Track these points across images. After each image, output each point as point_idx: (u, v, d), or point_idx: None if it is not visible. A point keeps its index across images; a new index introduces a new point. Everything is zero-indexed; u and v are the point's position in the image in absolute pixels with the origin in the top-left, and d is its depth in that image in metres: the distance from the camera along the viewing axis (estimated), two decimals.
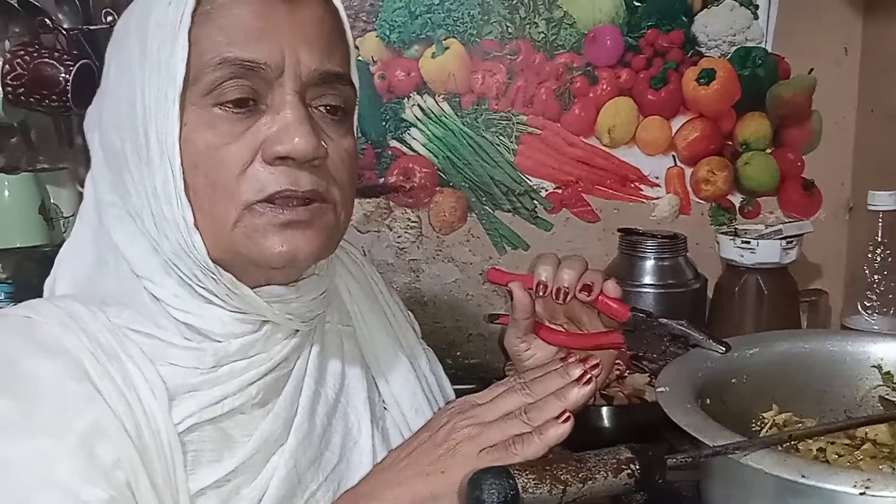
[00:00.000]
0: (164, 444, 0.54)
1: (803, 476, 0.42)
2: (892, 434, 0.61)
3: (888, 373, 0.63)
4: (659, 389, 0.55)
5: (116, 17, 1.10)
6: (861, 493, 0.39)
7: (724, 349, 0.62)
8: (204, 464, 0.56)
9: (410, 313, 0.82)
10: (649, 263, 1.21)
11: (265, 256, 0.56)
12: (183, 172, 0.54)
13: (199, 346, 0.57)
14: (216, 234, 0.56)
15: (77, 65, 1.11)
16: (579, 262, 0.68)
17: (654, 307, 1.20)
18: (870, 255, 1.07)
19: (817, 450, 0.61)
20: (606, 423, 1.02)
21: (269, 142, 0.55)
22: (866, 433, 0.61)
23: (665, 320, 0.65)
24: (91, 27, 1.17)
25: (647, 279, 1.21)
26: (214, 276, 0.56)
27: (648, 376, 1.06)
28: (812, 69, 1.26)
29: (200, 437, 0.57)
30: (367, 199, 1.31)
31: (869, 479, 0.40)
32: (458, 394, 1.25)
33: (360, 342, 0.71)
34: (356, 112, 0.64)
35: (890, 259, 1.05)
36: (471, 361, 1.35)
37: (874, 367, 0.63)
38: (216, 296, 0.57)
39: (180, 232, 0.55)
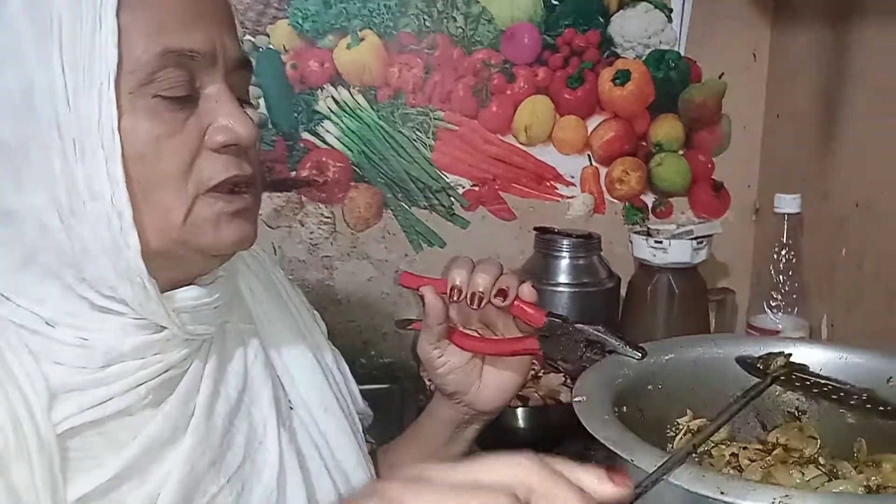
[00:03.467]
0: (40, 446, 0.50)
1: (722, 493, 0.41)
2: (802, 439, 0.61)
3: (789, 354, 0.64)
4: (576, 399, 0.54)
5: None
6: None
7: (640, 355, 0.62)
8: (84, 470, 0.52)
9: (316, 312, 0.78)
10: (564, 262, 1.21)
11: (219, 245, 0.55)
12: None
13: (89, 344, 0.53)
14: (162, 228, 0.53)
15: None
16: (494, 266, 0.67)
17: (568, 306, 1.20)
18: (775, 257, 1.10)
19: (730, 455, 0.61)
20: (521, 423, 1.01)
21: (213, 130, 0.54)
22: (777, 437, 0.62)
23: (581, 326, 0.64)
24: None
25: (562, 278, 1.21)
26: (134, 280, 0.52)
27: (563, 377, 1.05)
28: (722, 73, 1.29)
29: (82, 441, 0.53)
30: (278, 194, 1.26)
31: (786, 495, 0.40)
32: (373, 393, 1.23)
33: (263, 341, 0.68)
34: None
35: (794, 260, 1.09)
36: (385, 360, 1.33)
37: None
38: (123, 304, 0.54)
39: (110, 230, 0.51)
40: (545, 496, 0.36)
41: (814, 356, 0.63)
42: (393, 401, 1.23)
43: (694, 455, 0.61)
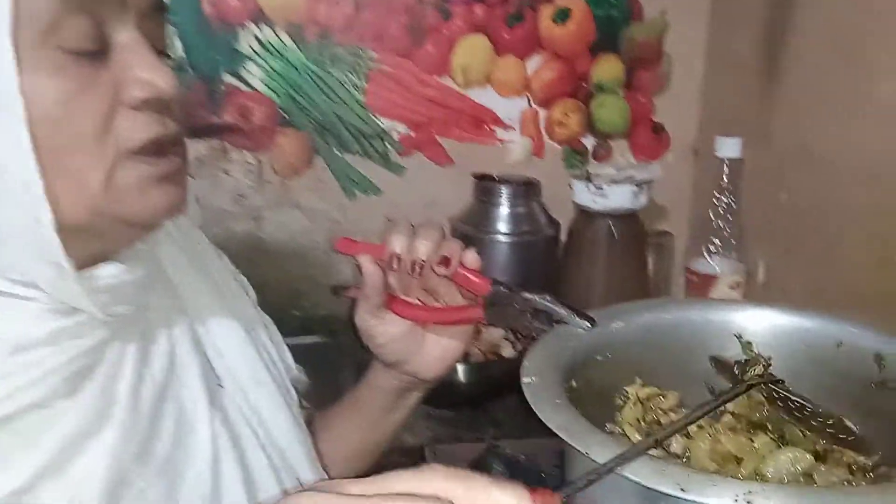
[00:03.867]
0: None
1: (682, 489, 0.39)
2: (751, 406, 0.60)
3: (748, 342, 0.62)
4: (525, 380, 0.51)
5: None
6: None
7: (589, 325, 0.59)
8: None
9: (243, 277, 0.73)
10: (503, 210, 1.18)
11: (147, 214, 0.49)
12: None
13: None
14: (79, 199, 0.47)
15: None
16: (436, 230, 0.63)
17: (508, 255, 1.18)
18: (715, 201, 1.09)
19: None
20: (462, 378, 0.99)
21: (129, 84, 0.47)
22: (725, 405, 0.61)
23: (528, 295, 0.61)
24: None
25: (502, 227, 1.18)
26: (48, 261, 0.46)
27: (505, 331, 1.03)
28: (665, 11, 1.25)
29: None
30: (200, 141, 1.18)
31: (749, 491, 0.38)
32: (308, 347, 1.20)
33: (188, 315, 0.62)
34: None
35: (734, 205, 1.08)
36: (321, 313, 1.28)
37: (735, 336, 0.62)
38: (34, 287, 0.47)
39: (19, 206, 0.45)
40: None
41: (766, 320, 0.62)
42: (328, 354, 1.20)
43: (643, 423, 0.60)
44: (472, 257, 0.63)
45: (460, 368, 0.98)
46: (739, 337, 0.62)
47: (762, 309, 0.63)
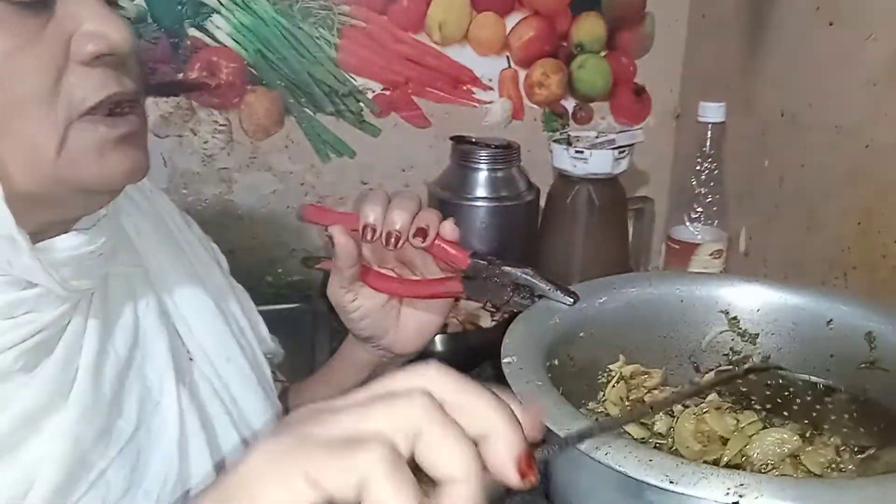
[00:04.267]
0: None
1: (671, 482, 0.37)
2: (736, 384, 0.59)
3: (734, 318, 0.61)
4: (505, 360, 0.49)
5: None
6: (734, 503, 0.35)
7: (571, 300, 0.57)
8: None
9: (214, 245, 0.70)
10: (482, 175, 1.14)
11: (106, 180, 0.46)
12: None
13: None
14: (30, 165, 0.44)
15: None
16: (412, 200, 0.60)
17: (486, 221, 1.15)
18: (697, 167, 1.07)
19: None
20: (440, 348, 0.97)
21: (79, 38, 0.44)
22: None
23: (509, 269, 0.59)
24: None
25: (480, 191, 1.14)
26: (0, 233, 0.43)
27: (483, 304, 1.01)
28: None
29: None
30: (165, 99, 1.13)
31: (742, 484, 0.36)
32: (282, 313, 1.16)
33: (154, 286, 0.59)
34: None
35: (716, 171, 1.06)
36: (293, 279, 1.25)
37: (721, 312, 0.60)
38: None
39: None
40: (459, 407, 0.31)
41: (753, 295, 0.60)
42: (303, 321, 1.17)
43: (627, 402, 0.58)
44: (450, 228, 0.61)
45: (438, 339, 0.96)
46: (726, 313, 0.60)
47: (750, 284, 0.61)
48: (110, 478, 0.50)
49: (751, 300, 0.60)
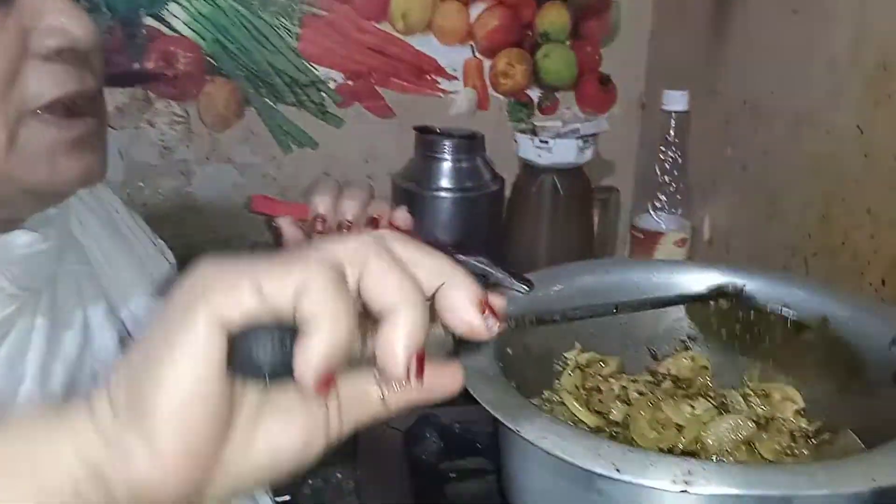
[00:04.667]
0: None
1: (617, 470, 0.36)
2: (693, 368, 0.58)
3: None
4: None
5: None
6: (682, 491, 0.34)
7: (526, 288, 0.56)
8: None
9: (162, 242, 0.68)
10: (446, 165, 1.13)
11: (57, 184, 0.45)
12: None
13: None
14: None
15: None
16: (363, 190, 0.59)
17: (451, 212, 1.13)
18: (661, 156, 1.06)
19: (619, 388, 0.57)
20: None
21: (40, 32, 0.42)
22: (668, 369, 0.59)
23: (462, 257, 0.57)
24: None
25: (445, 182, 1.13)
26: None
27: None
28: None
29: None
30: (121, 89, 1.10)
31: (689, 472, 0.35)
32: None
33: (102, 284, 0.57)
34: None
35: (680, 160, 1.05)
36: None
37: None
38: None
39: None
40: (376, 280, 0.30)
41: (710, 281, 0.59)
42: None
43: (583, 391, 0.57)
44: (402, 217, 0.60)
45: None
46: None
47: (706, 270, 0.60)
48: None
49: (706, 286, 0.59)
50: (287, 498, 0.78)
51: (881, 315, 0.53)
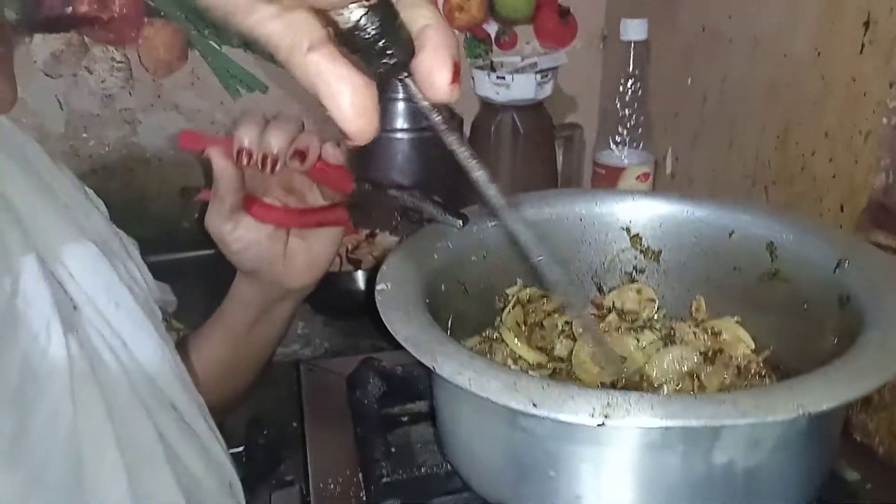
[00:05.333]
0: None
1: (534, 405, 0.34)
2: (640, 301, 0.56)
3: (636, 235, 0.58)
4: (378, 287, 0.45)
5: None
6: (600, 425, 0.32)
7: (461, 223, 0.53)
8: None
9: (89, 189, 0.64)
10: (401, 105, 1.09)
11: None
12: None
13: None
14: None
15: None
16: (290, 122, 0.56)
17: (407, 154, 1.10)
18: (621, 88, 1.03)
19: (563, 324, 0.56)
20: (361, 285, 0.93)
21: None
22: (613, 302, 0.57)
23: (395, 192, 0.55)
24: None
25: (400, 123, 1.09)
26: None
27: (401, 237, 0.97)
28: None
29: None
30: (54, 35, 1.04)
31: (608, 404, 0.33)
32: (199, 259, 1.11)
33: (29, 234, 0.54)
34: None
35: (640, 92, 1.02)
36: None
37: (623, 229, 0.57)
38: None
39: None
40: None
41: (654, 210, 0.57)
42: (222, 267, 1.12)
43: (524, 328, 0.55)
44: (332, 151, 0.57)
45: (359, 275, 0.93)
46: (627, 230, 0.57)
47: (651, 199, 0.58)
48: None
49: (652, 216, 0.57)
50: (240, 449, 0.77)
51: (827, 239, 0.51)
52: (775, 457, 0.38)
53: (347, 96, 0.31)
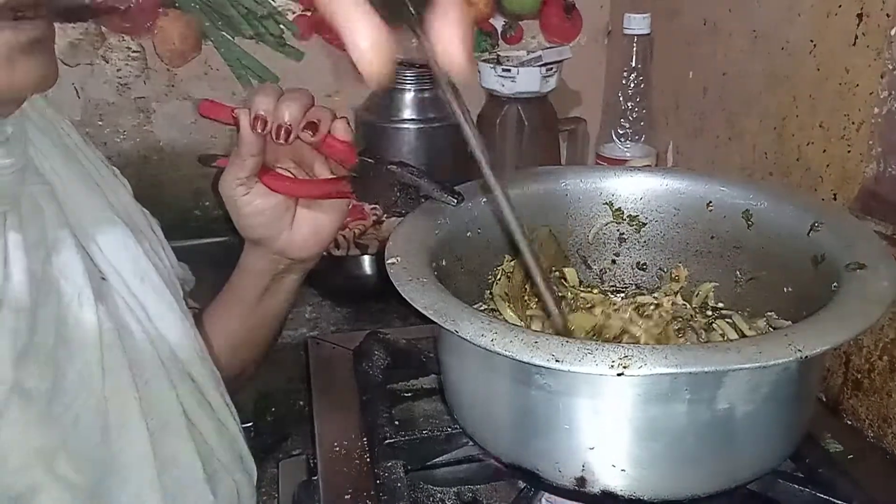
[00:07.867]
0: None
1: (557, 360, 0.36)
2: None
3: (619, 209, 0.60)
4: (389, 261, 0.48)
5: None
6: (619, 374, 0.35)
7: (455, 200, 0.56)
8: None
9: (115, 168, 0.67)
10: (409, 96, 1.12)
11: (17, 87, 0.45)
12: None
13: None
14: None
15: None
16: (304, 95, 0.59)
17: (414, 144, 1.13)
18: (624, 82, 1.05)
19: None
20: (368, 270, 0.96)
21: None
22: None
23: (394, 168, 0.57)
24: None
25: (408, 113, 1.12)
26: None
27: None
28: None
29: None
30: (72, 25, 1.08)
31: (625, 356, 0.36)
32: (211, 247, 1.14)
33: (62, 207, 0.57)
34: None
35: (643, 85, 1.04)
36: (222, 211, 1.21)
37: (605, 203, 0.60)
38: None
39: None
40: None
41: (636, 184, 0.59)
42: (233, 253, 1.15)
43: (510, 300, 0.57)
44: (342, 126, 0.60)
45: (366, 260, 0.95)
46: (610, 205, 0.60)
47: (632, 174, 0.60)
48: (34, 394, 0.49)
49: (634, 189, 0.59)
50: (250, 424, 0.79)
51: (800, 204, 0.54)
52: (766, 406, 0.42)
53: (366, 36, 0.34)
